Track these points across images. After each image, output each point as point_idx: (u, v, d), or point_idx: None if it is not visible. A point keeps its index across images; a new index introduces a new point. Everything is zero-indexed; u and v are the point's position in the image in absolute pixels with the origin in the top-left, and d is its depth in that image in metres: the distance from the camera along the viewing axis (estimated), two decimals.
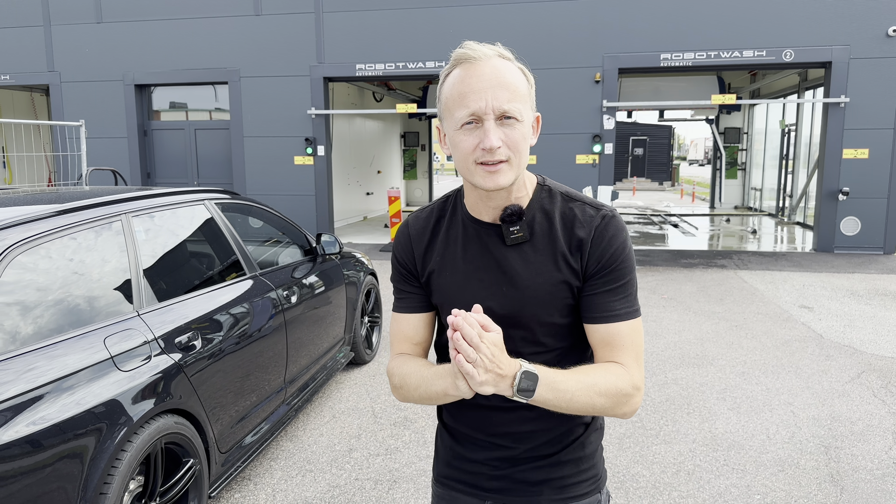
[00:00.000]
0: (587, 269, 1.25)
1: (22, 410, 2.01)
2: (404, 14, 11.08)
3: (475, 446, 1.37)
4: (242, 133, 11.82)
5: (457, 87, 1.19)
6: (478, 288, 1.29)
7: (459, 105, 1.18)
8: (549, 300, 1.26)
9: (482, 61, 1.17)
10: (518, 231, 1.26)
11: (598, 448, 1.41)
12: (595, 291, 1.26)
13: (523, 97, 1.19)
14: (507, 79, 1.17)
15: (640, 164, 31.83)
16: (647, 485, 3.35)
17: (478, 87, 1.16)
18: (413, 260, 1.38)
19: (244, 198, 4.05)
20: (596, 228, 1.25)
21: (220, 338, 3.06)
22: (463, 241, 1.32)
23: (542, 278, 1.26)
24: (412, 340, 1.40)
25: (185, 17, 11.73)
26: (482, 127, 1.17)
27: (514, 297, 1.27)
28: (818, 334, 5.93)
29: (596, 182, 10.77)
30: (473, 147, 1.18)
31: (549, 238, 1.27)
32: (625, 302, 1.26)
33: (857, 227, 10.25)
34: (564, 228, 1.27)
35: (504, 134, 1.17)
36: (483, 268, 1.30)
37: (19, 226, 2.37)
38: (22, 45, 12.28)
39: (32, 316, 2.26)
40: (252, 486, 3.38)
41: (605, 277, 1.25)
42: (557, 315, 1.27)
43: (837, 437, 3.86)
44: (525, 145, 1.20)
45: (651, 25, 10.42)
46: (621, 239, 1.26)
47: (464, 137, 1.19)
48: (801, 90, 13.63)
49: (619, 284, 1.26)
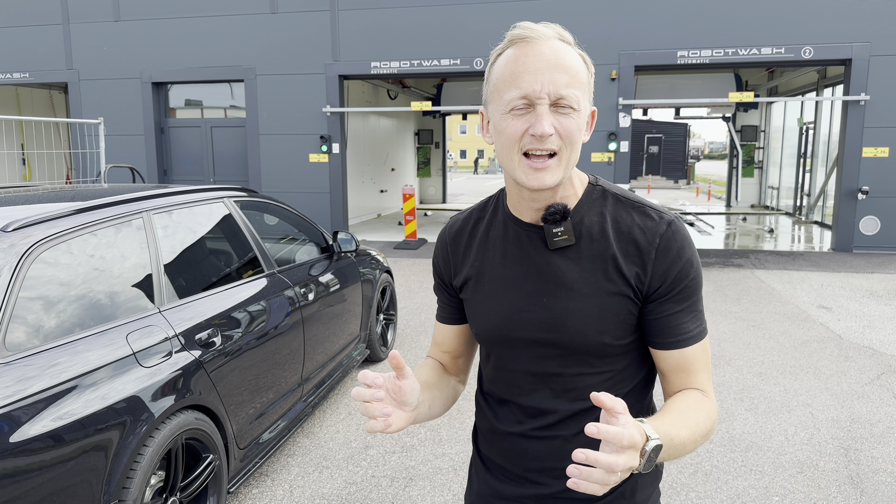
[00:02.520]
0: (650, 284, 1.10)
1: (47, 406, 2.04)
2: (419, 12, 11.08)
3: (508, 481, 1.24)
4: (258, 130, 11.88)
5: (510, 67, 1.05)
6: (516, 297, 1.16)
7: (511, 85, 1.04)
8: (598, 314, 1.11)
9: (540, 41, 1.04)
10: (562, 233, 1.12)
11: (651, 494, 1.23)
12: (665, 313, 1.11)
13: (583, 85, 1.07)
14: (567, 62, 1.04)
15: (655, 162, 31.63)
16: (664, 485, 3.34)
17: (534, 67, 1.03)
18: (447, 268, 1.29)
19: (262, 195, 4.08)
20: (661, 237, 1.10)
21: (238, 334, 3.08)
22: (503, 243, 1.19)
23: (588, 288, 1.11)
24: (441, 348, 1.36)
25: (202, 15, 11.80)
26: (534, 111, 1.03)
27: (557, 308, 1.13)
28: (837, 335, 5.87)
29: (611, 180, 10.70)
30: (521, 133, 1.04)
31: (599, 243, 1.12)
32: (697, 321, 1.13)
33: (876, 226, 10.12)
34: (618, 234, 1.12)
35: (558, 122, 1.04)
36: (523, 274, 1.16)
37: (43, 223, 2.40)
38: (41, 43, 12.42)
39: (56, 312, 2.29)
40: (270, 481, 3.40)
41: (677, 296, 1.11)
42: (608, 334, 1.11)
43: (857, 439, 3.82)
44: (579, 138, 1.07)
45: (668, 22, 10.35)
46: (689, 250, 1.11)
47: (511, 122, 1.05)
48: (820, 87, 13.47)
49: (691, 302, 1.12)
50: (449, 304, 1.32)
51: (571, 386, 1.16)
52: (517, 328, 1.16)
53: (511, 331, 1.17)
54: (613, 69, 10.58)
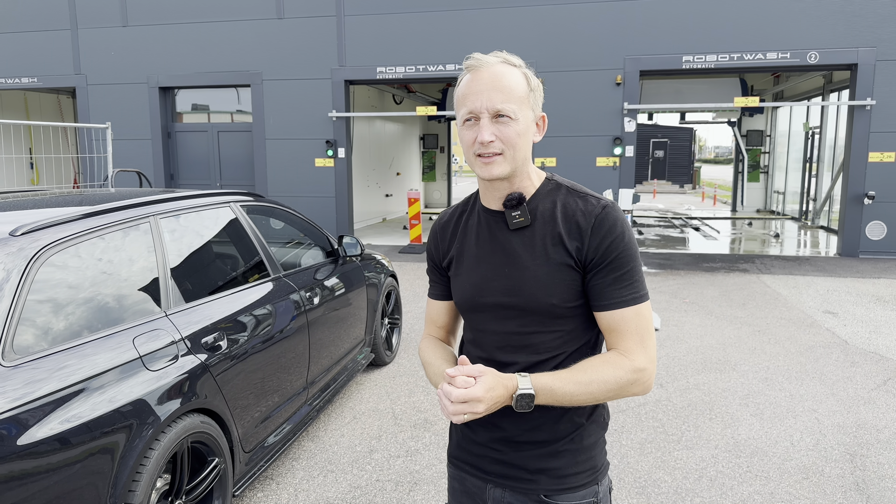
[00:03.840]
0: (587, 255, 1.35)
1: (55, 409, 2.06)
2: (424, 17, 11.12)
3: (480, 427, 1.47)
4: (264, 135, 11.93)
5: (462, 89, 1.37)
6: (486, 269, 1.43)
7: (462, 104, 1.36)
8: (548, 281, 1.36)
9: (484, 68, 1.34)
10: (519, 216, 1.39)
11: (597, 440, 1.47)
12: (598, 281, 1.35)
13: (520, 99, 1.34)
14: (503, 82, 1.33)
15: (660, 167, 31.54)
16: (668, 490, 3.34)
17: (476, 89, 1.33)
18: (437, 252, 1.57)
19: (268, 200, 4.10)
20: (597, 217, 1.35)
21: (244, 338, 3.10)
22: (476, 229, 1.48)
23: (539, 259, 1.36)
24: (436, 323, 1.62)
25: (209, 20, 11.87)
26: (478, 123, 1.34)
27: (515, 277, 1.39)
28: (843, 340, 5.85)
29: (616, 185, 10.71)
30: (472, 141, 1.35)
31: (549, 224, 1.38)
32: (630, 288, 1.35)
33: (882, 231, 10.08)
34: (565, 215, 1.38)
35: (498, 130, 1.33)
36: (490, 251, 1.44)
37: (52, 227, 2.42)
38: (49, 48, 12.52)
39: (64, 315, 2.31)
40: (275, 485, 3.41)
41: (609, 265, 1.34)
42: (556, 297, 1.36)
43: (863, 445, 3.81)
44: (520, 141, 1.34)
45: (673, 27, 10.35)
46: (620, 228, 1.35)
47: (465, 132, 1.37)
48: (826, 92, 13.44)
49: (622, 272, 1.34)
50: (440, 283, 1.59)
51: (528, 342, 1.41)
52: (485, 294, 1.43)
53: (480, 297, 1.44)
54: (619, 74, 10.58)
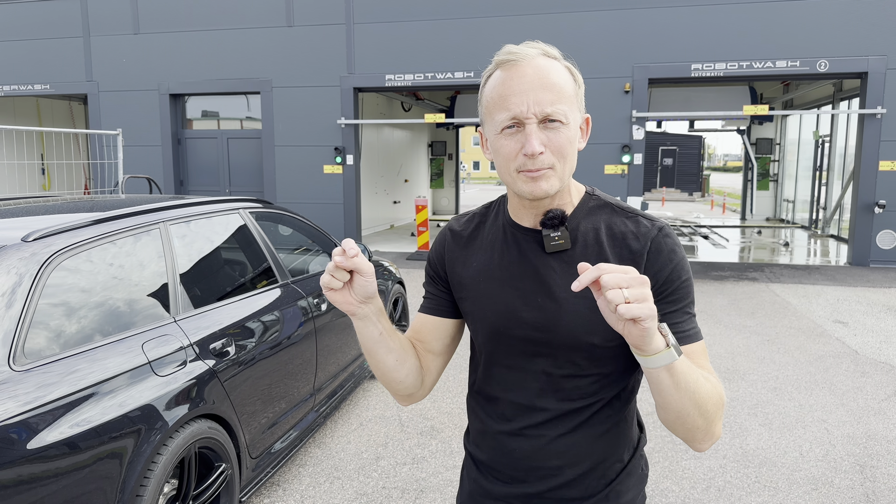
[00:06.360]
0: None
1: (65, 413, 2.08)
2: (433, 25, 11.17)
3: (497, 480, 1.28)
4: (273, 142, 12.00)
5: (498, 89, 1.12)
6: (512, 296, 1.20)
7: (500, 107, 1.11)
8: (589, 316, 1.12)
9: (524, 62, 1.10)
10: (559, 238, 1.16)
11: (636, 496, 1.25)
12: (661, 313, 1.10)
13: (569, 98, 1.11)
14: (551, 79, 1.09)
15: (669, 175, 31.49)
16: (676, 500, 3.32)
17: (519, 88, 1.09)
18: (444, 262, 1.32)
19: (277, 207, 4.12)
20: (653, 240, 1.14)
21: (252, 344, 3.11)
22: (501, 246, 1.23)
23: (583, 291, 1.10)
24: (417, 335, 1.33)
25: (220, 28, 11.97)
26: (524, 131, 1.09)
27: (551, 309, 1.16)
28: (853, 350, 5.80)
29: (625, 193, 10.70)
30: (515, 153, 1.11)
31: (594, 248, 1.16)
32: (691, 323, 1.14)
33: (893, 240, 10.01)
34: (612, 238, 1.16)
35: (548, 138, 1.09)
36: (520, 276, 1.20)
37: (63, 233, 2.44)
38: (61, 55, 12.65)
39: (74, 320, 2.33)
40: (281, 491, 3.42)
41: (670, 296, 1.13)
42: (597, 335, 1.13)
43: (873, 456, 3.77)
44: (571, 150, 1.13)
45: (682, 35, 10.35)
46: (680, 253, 1.15)
47: (505, 142, 1.11)
48: (836, 100, 13.39)
49: (685, 304, 1.14)
50: (438, 297, 1.33)
51: (559, 386, 1.19)
52: (512, 326, 1.19)
53: (506, 329, 1.20)
54: (627, 82, 10.58)
